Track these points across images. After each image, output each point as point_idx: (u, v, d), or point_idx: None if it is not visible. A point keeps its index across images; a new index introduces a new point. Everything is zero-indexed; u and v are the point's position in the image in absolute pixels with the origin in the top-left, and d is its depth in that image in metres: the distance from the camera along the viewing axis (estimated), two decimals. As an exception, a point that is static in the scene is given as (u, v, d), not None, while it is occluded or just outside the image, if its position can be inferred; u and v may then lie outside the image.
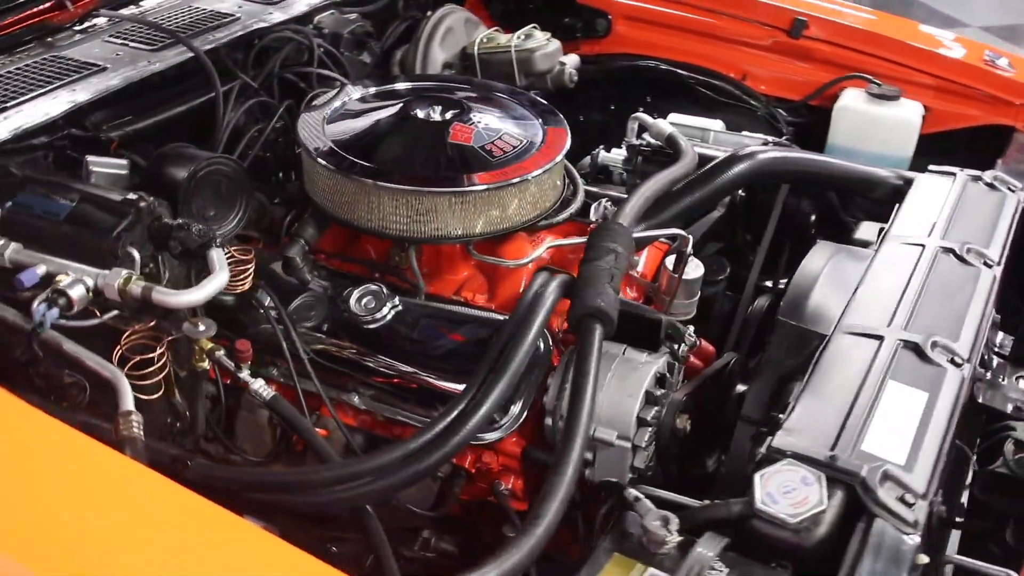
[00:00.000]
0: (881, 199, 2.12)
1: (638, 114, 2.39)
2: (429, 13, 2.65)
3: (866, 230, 2.06)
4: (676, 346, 1.73)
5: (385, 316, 1.82)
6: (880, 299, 1.64)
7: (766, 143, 2.33)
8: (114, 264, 1.59)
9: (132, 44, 2.18)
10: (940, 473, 1.30)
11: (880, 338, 1.53)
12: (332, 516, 1.63)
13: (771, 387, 1.60)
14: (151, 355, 1.62)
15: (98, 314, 1.58)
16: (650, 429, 1.65)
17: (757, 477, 1.23)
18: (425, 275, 1.97)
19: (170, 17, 2.31)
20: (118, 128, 1.96)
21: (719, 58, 2.76)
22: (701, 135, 2.42)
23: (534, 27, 2.61)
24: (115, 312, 1.56)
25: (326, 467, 1.52)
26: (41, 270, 1.53)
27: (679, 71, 2.76)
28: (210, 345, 1.69)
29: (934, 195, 1.98)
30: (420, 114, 1.97)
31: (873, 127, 2.49)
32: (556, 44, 2.57)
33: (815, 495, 1.20)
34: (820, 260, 1.82)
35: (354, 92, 2.11)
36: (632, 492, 1.31)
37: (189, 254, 1.61)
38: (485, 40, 2.59)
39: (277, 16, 2.38)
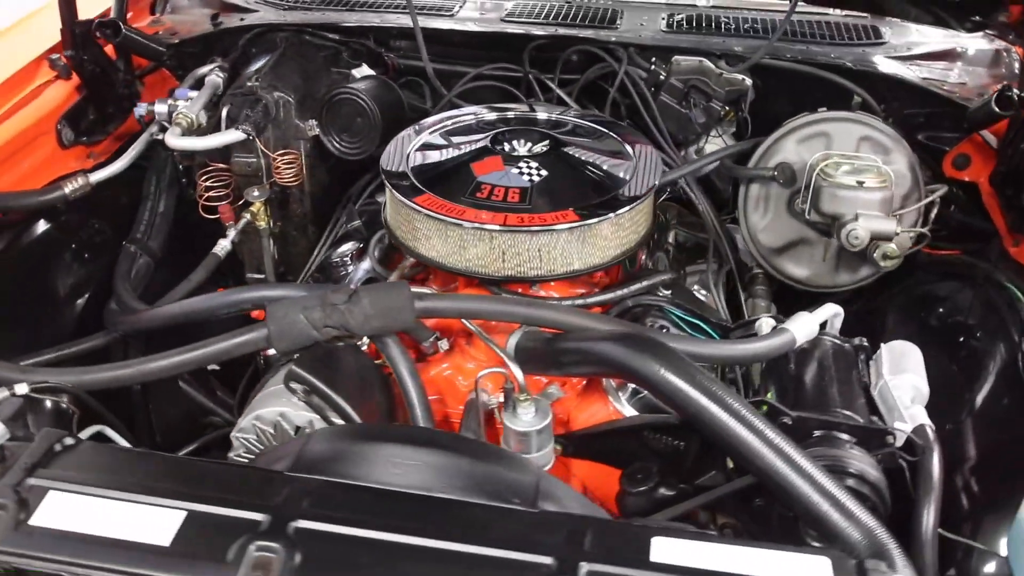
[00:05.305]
0: None
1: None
2: (823, 109, 2.34)
3: None
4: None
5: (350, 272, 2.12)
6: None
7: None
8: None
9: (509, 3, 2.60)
10: None
11: None
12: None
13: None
14: (220, 188, 2.27)
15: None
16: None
17: None
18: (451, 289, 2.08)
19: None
20: (408, 59, 2.47)
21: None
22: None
23: (884, 172, 2.11)
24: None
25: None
26: (193, 93, 2.26)
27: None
28: (258, 207, 2.24)
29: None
30: (499, 144, 2.03)
31: None
32: (870, 196, 2.05)
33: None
34: None
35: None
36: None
37: (243, 127, 2.16)
38: (830, 159, 2.21)
39: (646, 36, 2.46)
